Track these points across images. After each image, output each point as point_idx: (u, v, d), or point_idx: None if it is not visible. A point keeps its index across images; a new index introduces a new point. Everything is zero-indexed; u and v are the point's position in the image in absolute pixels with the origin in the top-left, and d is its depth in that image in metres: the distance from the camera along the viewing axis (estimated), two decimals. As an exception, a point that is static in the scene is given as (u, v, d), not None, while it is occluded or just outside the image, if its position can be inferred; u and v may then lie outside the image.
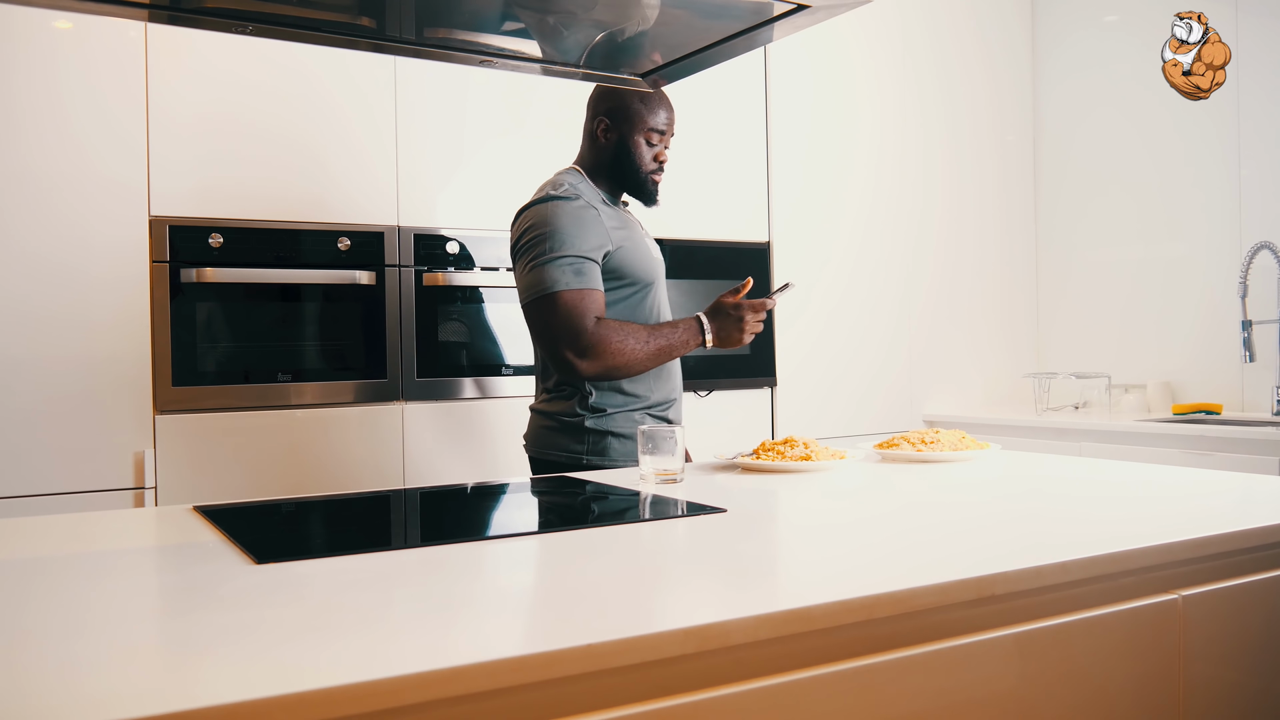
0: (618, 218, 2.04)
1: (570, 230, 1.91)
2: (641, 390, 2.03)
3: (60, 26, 2.36)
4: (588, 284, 1.90)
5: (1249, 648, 1.19)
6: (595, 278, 1.92)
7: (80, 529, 1.35)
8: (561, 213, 1.92)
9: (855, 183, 3.54)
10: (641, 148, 2.05)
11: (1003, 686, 0.99)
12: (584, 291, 1.89)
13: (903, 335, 3.63)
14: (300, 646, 0.79)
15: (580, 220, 1.93)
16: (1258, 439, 2.73)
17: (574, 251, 1.90)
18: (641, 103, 2.05)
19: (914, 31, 3.68)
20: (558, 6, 1.52)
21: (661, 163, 2.08)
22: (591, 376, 1.92)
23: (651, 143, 2.06)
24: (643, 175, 2.07)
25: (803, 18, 1.52)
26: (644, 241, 2.08)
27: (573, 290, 1.88)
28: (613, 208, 2.06)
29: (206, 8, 1.44)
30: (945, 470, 1.73)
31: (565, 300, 1.88)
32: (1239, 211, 3.31)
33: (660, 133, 2.07)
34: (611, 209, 2.05)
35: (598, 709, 0.79)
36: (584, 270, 1.90)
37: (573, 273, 1.89)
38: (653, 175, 2.08)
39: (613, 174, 2.08)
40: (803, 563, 1.12)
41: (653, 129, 2.05)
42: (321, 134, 2.64)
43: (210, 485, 2.45)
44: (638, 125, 2.05)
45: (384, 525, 1.51)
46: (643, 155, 2.06)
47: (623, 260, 1.99)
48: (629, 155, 2.06)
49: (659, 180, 2.09)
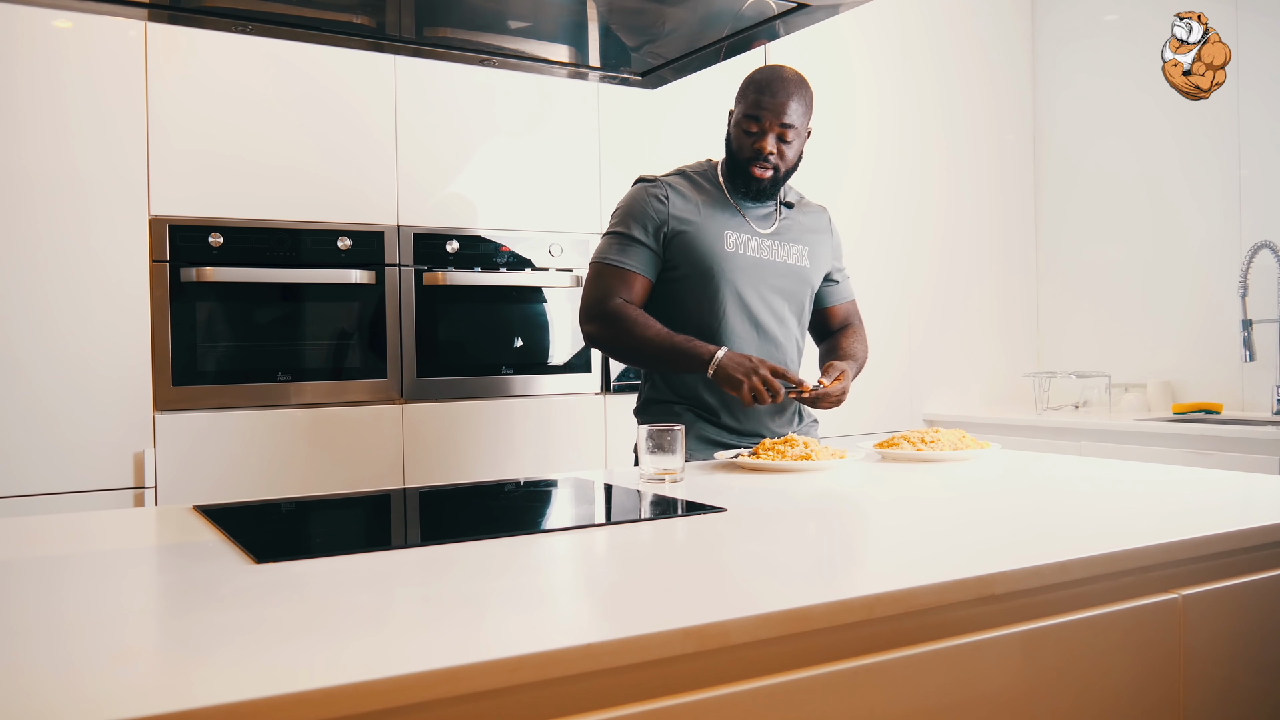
0: (712, 204, 1.99)
1: (629, 210, 2.00)
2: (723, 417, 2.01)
3: (60, 26, 2.36)
4: (625, 261, 1.96)
5: (1249, 648, 1.19)
6: (638, 257, 1.96)
7: (80, 529, 1.35)
8: (630, 194, 2.03)
9: (854, 181, 3.53)
10: (740, 136, 1.97)
11: (1003, 686, 0.99)
12: (615, 268, 1.96)
13: (902, 335, 3.62)
14: (300, 646, 0.79)
15: (643, 201, 1.98)
16: (1258, 438, 2.73)
17: (624, 229, 1.98)
18: (749, 88, 1.97)
19: (913, 31, 3.68)
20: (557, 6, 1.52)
21: (761, 152, 1.94)
22: (591, 343, 2.03)
23: (748, 130, 1.95)
24: (742, 163, 1.97)
25: (803, 17, 1.53)
26: (719, 233, 1.97)
27: (607, 263, 1.97)
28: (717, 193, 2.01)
29: (206, 7, 1.44)
30: (945, 469, 1.73)
31: (595, 269, 1.99)
32: (1239, 211, 3.31)
33: (754, 119, 1.94)
34: (709, 193, 2.00)
35: (598, 709, 0.79)
36: (628, 249, 1.97)
37: (617, 249, 1.97)
38: (751, 166, 1.96)
39: (727, 165, 2.03)
40: (802, 562, 1.12)
41: (747, 115, 1.95)
42: (321, 133, 2.63)
43: (210, 485, 2.45)
44: (739, 112, 1.98)
45: (384, 525, 1.51)
46: (740, 143, 1.97)
47: (682, 246, 1.97)
48: (730, 143, 2.01)
49: (761, 174, 1.96)
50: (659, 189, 1.99)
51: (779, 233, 2.06)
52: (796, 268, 2.06)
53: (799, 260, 2.06)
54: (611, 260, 1.97)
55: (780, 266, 2.04)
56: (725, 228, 1.99)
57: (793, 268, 2.05)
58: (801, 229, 2.10)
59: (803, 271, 2.07)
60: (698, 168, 2.06)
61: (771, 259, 2.03)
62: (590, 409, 2.95)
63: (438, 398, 2.75)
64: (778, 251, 2.04)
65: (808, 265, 2.08)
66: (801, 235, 2.09)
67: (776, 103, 1.93)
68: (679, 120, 3.10)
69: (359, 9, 1.49)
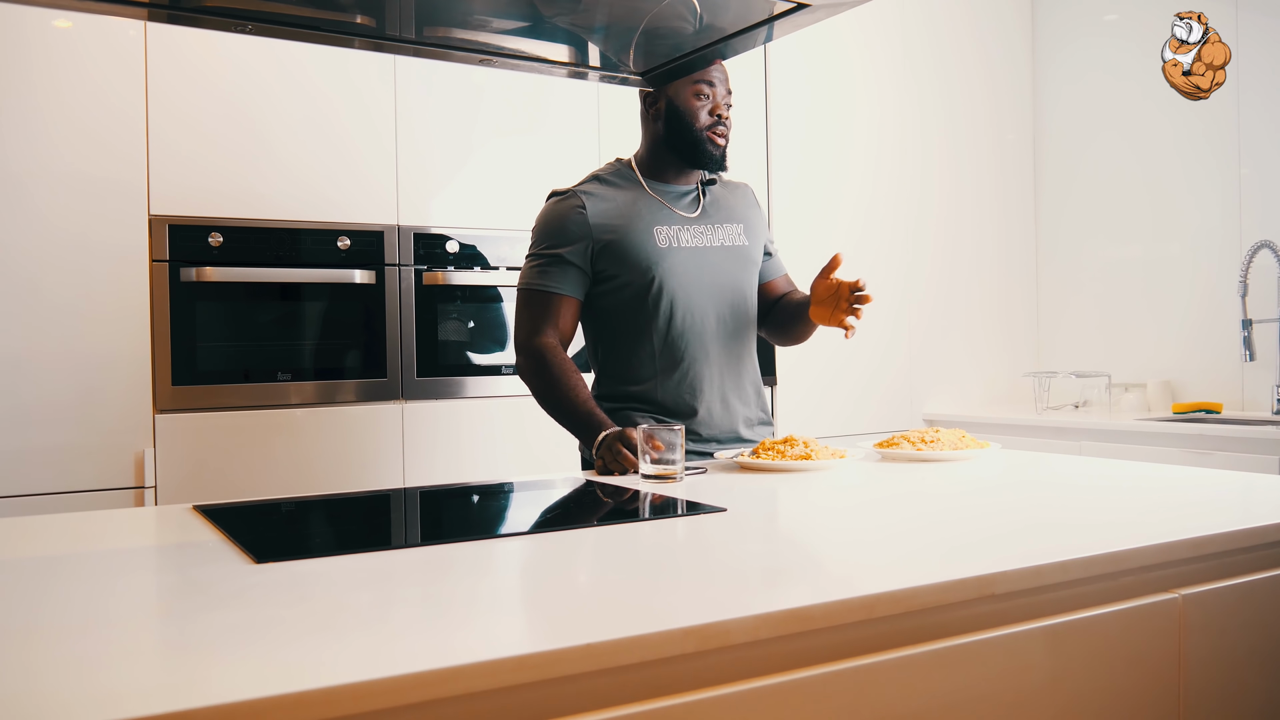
0: (635, 204, 1.93)
1: (545, 228, 1.94)
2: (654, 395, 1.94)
3: (60, 26, 2.36)
4: (549, 285, 1.91)
5: (1249, 648, 1.19)
6: (562, 278, 1.90)
7: (80, 529, 1.35)
8: (545, 211, 1.96)
9: (854, 180, 3.54)
10: (692, 102, 1.92)
11: (1003, 686, 0.99)
12: (540, 293, 1.91)
13: (902, 334, 3.63)
14: (300, 646, 0.79)
15: (560, 217, 1.92)
16: (1258, 438, 2.73)
17: (544, 249, 1.93)
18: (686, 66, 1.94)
19: (913, 31, 3.68)
20: (557, 5, 1.52)
21: (719, 117, 1.93)
22: (519, 374, 1.97)
23: (702, 95, 1.92)
24: (698, 132, 1.92)
25: (803, 16, 1.53)
26: (648, 231, 1.91)
27: (532, 289, 1.92)
28: (635, 189, 1.95)
29: (206, 7, 1.44)
30: (945, 469, 1.73)
31: (522, 297, 1.94)
32: (1239, 211, 3.31)
33: (709, 84, 1.92)
34: (628, 190, 1.95)
35: (598, 709, 0.79)
36: (549, 271, 1.91)
37: (539, 272, 1.92)
38: (710, 132, 1.93)
39: (670, 145, 1.95)
40: (802, 562, 1.12)
41: (699, 80, 1.91)
42: (321, 133, 2.63)
43: (210, 485, 2.45)
44: (684, 82, 1.92)
45: (384, 525, 1.51)
46: (694, 110, 1.92)
47: (613, 255, 1.91)
48: (679, 116, 1.93)
49: (719, 139, 1.94)
50: (573, 199, 1.92)
51: (707, 214, 2.00)
52: (735, 248, 2.00)
53: (736, 239, 2.01)
54: (535, 285, 1.91)
55: (719, 251, 1.97)
56: (654, 223, 1.93)
57: (731, 249, 2.00)
58: (729, 207, 2.04)
59: (743, 250, 2.01)
60: (609, 169, 2.00)
61: (708, 244, 1.97)
62: (590, 409, 2.95)
63: (438, 397, 2.75)
64: (712, 235, 1.98)
65: (745, 243, 2.02)
66: (731, 213, 2.03)
67: (724, 73, 1.95)
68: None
69: (359, 9, 1.49)
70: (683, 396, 1.94)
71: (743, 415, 2.01)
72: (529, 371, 1.92)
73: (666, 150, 1.97)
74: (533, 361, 1.90)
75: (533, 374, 1.91)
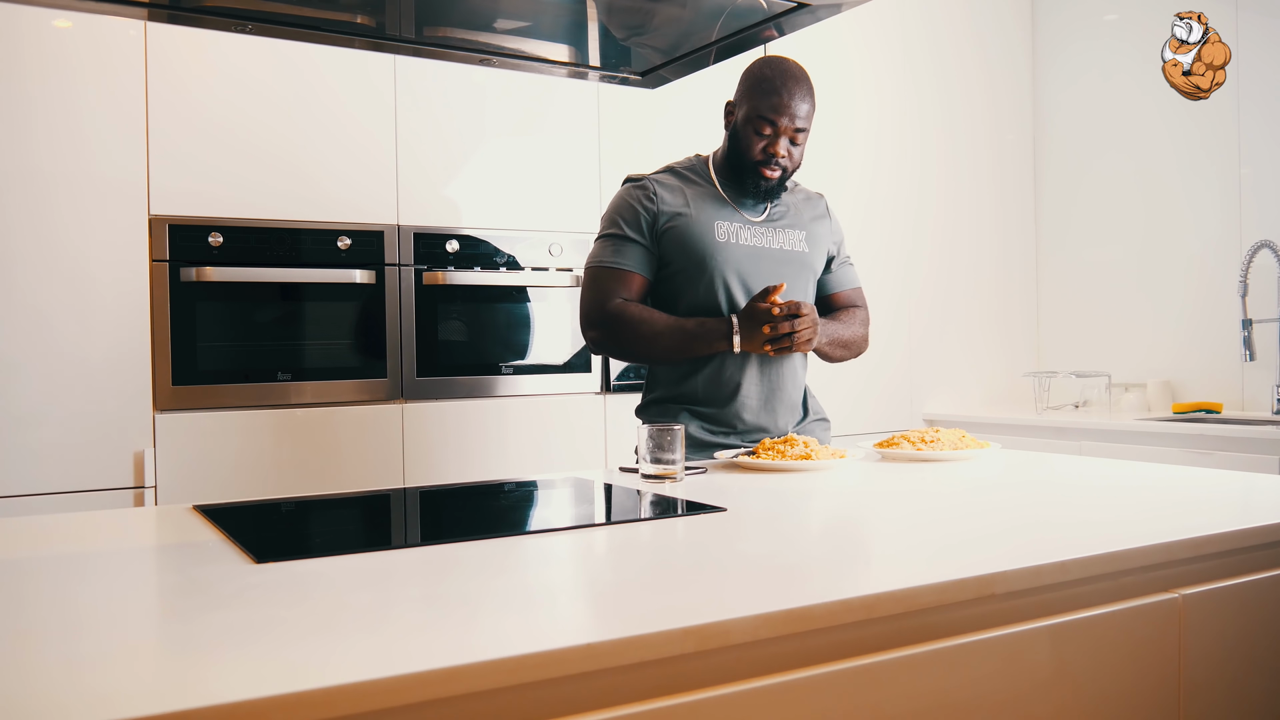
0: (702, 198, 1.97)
1: (618, 210, 1.99)
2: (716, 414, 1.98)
3: (60, 26, 2.36)
4: (620, 261, 1.94)
5: (1249, 647, 1.19)
6: (632, 256, 1.95)
7: (80, 529, 1.35)
8: (618, 196, 2.02)
9: (853, 181, 3.53)
10: (751, 134, 1.92)
11: (1002, 686, 0.99)
12: (611, 269, 1.95)
13: (902, 334, 3.62)
14: (300, 646, 0.79)
15: (632, 201, 1.97)
16: (1258, 438, 2.73)
17: (615, 230, 1.97)
18: (758, 87, 1.92)
19: (913, 31, 3.67)
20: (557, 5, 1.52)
21: (772, 156, 1.92)
22: (596, 349, 2.03)
23: (760, 132, 1.91)
24: (749, 162, 1.93)
25: (803, 16, 1.53)
26: (710, 224, 1.94)
27: (602, 266, 1.96)
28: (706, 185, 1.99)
29: (206, 6, 1.44)
30: (945, 469, 1.73)
31: (590, 274, 1.98)
32: (1239, 210, 3.31)
33: (768, 122, 1.90)
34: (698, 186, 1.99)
35: (598, 709, 0.79)
36: (621, 249, 1.95)
37: (611, 250, 1.96)
38: (760, 168, 1.93)
39: (729, 160, 1.99)
40: (802, 562, 1.12)
41: (760, 116, 1.90)
42: (321, 133, 2.63)
43: (210, 485, 2.45)
44: (748, 111, 1.92)
45: (384, 525, 1.51)
46: (752, 143, 1.92)
47: (674, 240, 1.94)
48: (738, 139, 1.95)
49: (769, 175, 1.94)
50: (646, 186, 1.98)
51: (772, 220, 2.02)
52: (794, 253, 2.02)
53: (796, 245, 2.03)
54: (606, 262, 1.95)
55: (777, 253, 2.00)
56: (716, 218, 1.96)
57: (790, 254, 2.01)
58: (796, 214, 2.06)
59: (802, 257, 2.03)
60: (685, 163, 2.05)
61: (767, 246, 1.99)
62: (590, 409, 2.95)
63: (438, 397, 2.75)
64: (773, 238, 2.01)
65: (806, 250, 2.04)
66: (797, 221, 2.05)
67: (790, 106, 1.90)
68: (679, 119, 3.10)
69: (359, 9, 1.49)
70: (722, 389, 1.97)
71: (783, 412, 2.04)
72: (609, 332, 1.95)
73: (728, 161, 2.02)
74: (610, 321, 1.94)
75: (614, 332, 1.94)
